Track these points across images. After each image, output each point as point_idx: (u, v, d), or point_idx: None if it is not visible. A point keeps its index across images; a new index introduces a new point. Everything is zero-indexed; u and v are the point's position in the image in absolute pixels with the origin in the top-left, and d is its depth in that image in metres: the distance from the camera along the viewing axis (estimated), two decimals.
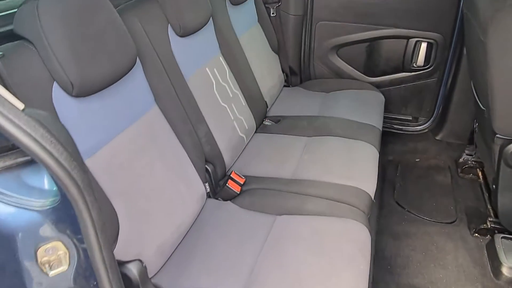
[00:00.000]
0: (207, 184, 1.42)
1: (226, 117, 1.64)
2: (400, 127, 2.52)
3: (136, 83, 1.19)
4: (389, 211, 2.00)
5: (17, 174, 0.72)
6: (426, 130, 2.48)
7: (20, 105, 0.60)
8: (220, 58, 1.70)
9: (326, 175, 1.51)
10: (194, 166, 1.37)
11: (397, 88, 2.41)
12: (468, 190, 2.13)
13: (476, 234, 1.84)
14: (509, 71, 1.37)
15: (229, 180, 1.49)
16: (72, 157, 0.64)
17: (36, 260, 0.74)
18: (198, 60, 1.54)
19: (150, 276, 1.11)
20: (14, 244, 0.71)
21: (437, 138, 2.41)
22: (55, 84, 0.93)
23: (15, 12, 0.91)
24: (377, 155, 1.71)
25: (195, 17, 1.47)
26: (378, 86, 2.38)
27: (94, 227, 0.69)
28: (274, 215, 1.34)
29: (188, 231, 1.29)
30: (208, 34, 1.63)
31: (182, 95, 1.38)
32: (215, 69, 1.63)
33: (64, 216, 0.72)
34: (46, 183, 0.72)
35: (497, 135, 1.53)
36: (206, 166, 1.47)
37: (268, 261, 1.16)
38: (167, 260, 1.18)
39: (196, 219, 1.34)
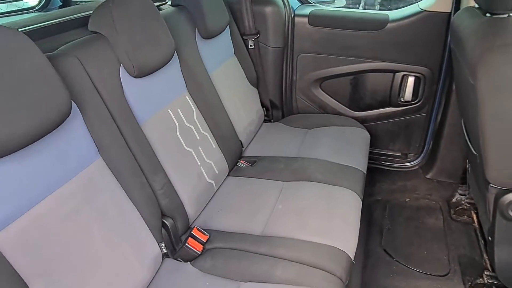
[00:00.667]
0: (163, 243, 1.24)
1: (191, 163, 1.48)
2: (389, 163, 2.37)
3: (73, 135, 1.03)
4: (376, 260, 1.82)
5: None
6: (416, 167, 2.34)
7: None
8: (187, 97, 1.56)
9: (300, 231, 1.34)
10: (147, 225, 1.19)
11: (384, 123, 2.27)
12: (462, 235, 1.96)
13: None
14: (502, 116, 1.23)
15: (190, 238, 1.31)
16: None
17: None
18: (158, 101, 1.39)
19: None
20: None
21: (428, 176, 2.26)
22: None
23: None
24: (360, 203, 1.54)
25: (153, 55, 1.32)
26: (364, 120, 2.24)
27: None
28: (238, 281, 1.16)
29: None
30: (171, 72, 1.48)
31: (134, 144, 1.22)
32: (179, 110, 1.48)
33: None
34: None
35: (491, 185, 1.37)
36: (164, 220, 1.30)
37: None
38: None
39: (149, 285, 1.16)
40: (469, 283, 1.67)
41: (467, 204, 2.09)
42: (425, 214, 2.11)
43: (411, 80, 2.09)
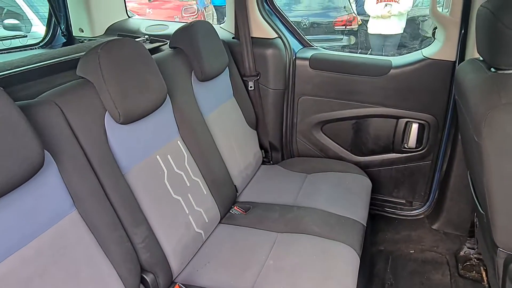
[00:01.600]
0: None
1: (179, 212, 1.40)
2: (393, 210, 2.27)
3: (45, 188, 0.97)
4: None
5: None
6: (422, 216, 2.22)
7: None
8: (178, 142, 1.50)
9: None
10: (123, 284, 1.11)
11: (388, 169, 2.18)
12: None
13: None
14: (509, 177, 1.15)
15: None
16: None
17: None
18: (146, 148, 1.34)
19: None
20: None
21: (434, 227, 2.14)
22: None
23: None
24: (358, 261, 1.44)
25: (142, 101, 1.28)
26: (366, 166, 2.16)
27: None
28: None
29: None
30: (162, 117, 1.44)
31: (115, 194, 1.15)
32: (169, 156, 1.42)
33: None
34: None
35: (500, 249, 1.26)
36: (144, 275, 1.21)
37: None
38: None
39: None
40: None
41: (475, 260, 1.96)
42: (431, 269, 1.98)
43: (415, 127, 2.02)
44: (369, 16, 5.41)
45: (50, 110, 1.03)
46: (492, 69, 1.22)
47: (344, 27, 6.42)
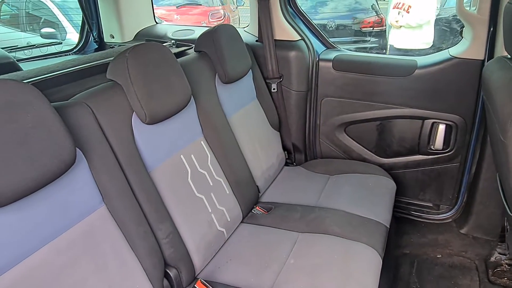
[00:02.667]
0: None
1: (202, 210, 1.44)
2: (419, 214, 2.22)
3: (77, 184, 1.03)
4: None
5: None
6: (449, 220, 2.16)
7: None
8: (202, 142, 1.55)
9: None
10: (148, 277, 1.15)
11: (413, 171, 2.14)
12: None
13: None
14: None
15: None
16: None
17: None
18: (171, 147, 1.39)
19: None
20: None
21: (462, 231, 2.08)
22: None
23: None
24: (380, 262, 1.43)
25: (168, 102, 1.34)
26: (391, 168, 2.13)
27: None
28: None
29: None
30: (187, 118, 1.49)
31: (141, 192, 1.20)
32: (192, 156, 1.47)
33: None
34: None
35: None
36: (167, 270, 1.25)
37: None
38: None
39: None
40: None
41: (507, 265, 1.88)
42: (458, 274, 1.92)
43: (441, 128, 1.98)
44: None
45: (82, 111, 1.10)
46: None
47: (371, 28, 6.33)
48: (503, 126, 1.12)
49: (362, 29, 6.34)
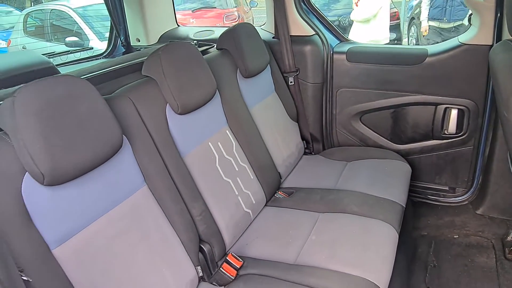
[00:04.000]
0: (199, 267, 1.34)
1: (229, 192, 1.58)
2: (436, 197, 2.29)
3: (123, 165, 1.18)
4: None
5: None
6: (466, 202, 2.23)
7: None
8: (227, 131, 1.69)
9: (331, 262, 1.37)
10: (185, 248, 1.30)
11: (428, 156, 2.22)
12: None
13: None
14: None
15: (224, 263, 1.39)
16: None
17: None
18: (200, 136, 1.53)
19: None
20: None
21: (478, 212, 2.15)
22: (26, 174, 0.94)
23: None
24: (396, 237, 1.53)
25: (196, 94, 1.48)
26: (407, 154, 2.22)
27: None
28: None
29: None
30: (213, 109, 1.63)
31: (176, 174, 1.35)
32: (219, 143, 1.61)
33: None
34: None
35: None
36: (201, 246, 1.39)
37: None
38: None
39: None
40: None
41: None
42: (475, 252, 1.99)
43: (454, 112, 2.05)
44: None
45: (125, 102, 1.25)
46: None
47: None
48: (506, 102, 1.22)
49: None
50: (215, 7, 8.84)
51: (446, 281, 1.82)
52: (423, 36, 5.02)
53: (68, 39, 5.80)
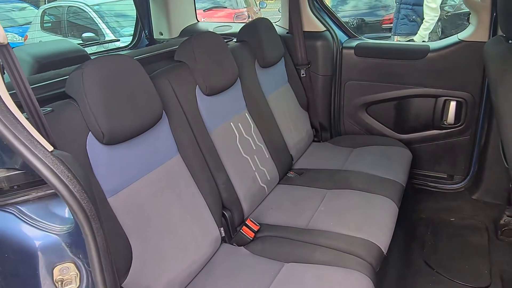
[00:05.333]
0: (222, 228, 1.52)
1: (247, 168, 1.77)
2: (435, 184, 2.47)
3: (162, 134, 1.38)
4: (416, 271, 1.93)
5: (45, 204, 0.89)
6: (463, 189, 2.40)
7: (49, 148, 0.79)
8: (246, 114, 1.88)
9: (338, 227, 1.55)
10: (210, 211, 1.49)
11: (429, 145, 2.40)
12: (507, 253, 1.99)
13: None
14: None
15: (244, 227, 1.58)
16: (84, 190, 0.79)
17: (52, 278, 0.88)
18: (223, 115, 1.72)
19: None
20: (36, 261, 0.86)
21: (473, 197, 2.32)
22: (90, 134, 1.14)
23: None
24: (396, 210, 1.71)
25: (221, 79, 1.68)
26: (409, 142, 2.39)
27: (98, 251, 0.83)
28: (282, 262, 1.40)
29: (199, 272, 1.38)
30: (235, 93, 1.82)
31: (204, 146, 1.54)
32: (239, 124, 1.80)
33: (77, 241, 0.87)
34: (66, 212, 0.88)
35: None
36: (224, 212, 1.58)
37: None
38: None
39: (209, 261, 1.44)
40: None
41: None
42: (470, 233, 2.17)
43: (453, 104, 2.23)
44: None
45: (164, 82, 1.45)
46: (510, 41, 1.46)
47: (391, 24, 6.53)
48: (494, 88, 1.40)
49: (383, 25, 6.56)
50: (226, 7, 9.07)
51: (442, 257, 2.00)
52: None
53: (85, 34, 6.03)
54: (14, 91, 0.82)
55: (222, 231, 1.53)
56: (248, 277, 1.35)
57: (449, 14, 6.74)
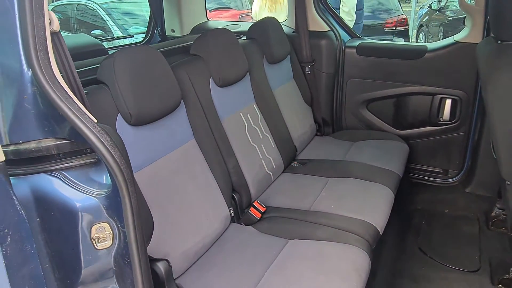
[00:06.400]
0: (232, 209, 1.66)
1: (255, 155, 1.90)
2: (431, 179, 2.60)
3: (179, 120, 1.52)
4: (411, 255, 2.06)
5: (86, 171, 1.03)
6: (457, 183, 2.53)
7: (95, 120, 0.92)
8: (254, 106, 2.02)
9: (339, 209, 1.69)
10: (221, 191, 1.62)
11: (425, 140, 2.53)
12: (496, 241, 2.12)
13: (500, 285, 1.83)
14: (508, 121, 1.51)
15: (252, 208, 1.72)
16: (122, 156, 0.93)
17: (90, 235, 1.02)
18: (234, 106, 1.86)
19: (175, 277, 1.34)
20: (77, 220, 1.00)
21: (467, 190, 2.45)
22: (119, 115, 1.28)
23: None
24: (392, 196, 1.85)
25: (232, 72, 1.81)
26: (407, 138, 2.53)
27: (132, 210, 0.96)
28: (287, 239, 1.53)
29: (211, 246, 1.52)
30: (244, 86, 1.96)
31: (216, 133, 1.68)
32: (248, 115, 1.94)
33: (113, 204, 1.00)
34: (104, 178, 1.02)
35: (507, 182, 1.61)
36: (233, 194, 1.72)
37: (274, 276, 1.34)
38: (190, 266, 1.41)
39: (219, 238, 1.57)
40: (497, 278, 1.85)
41: (503, 215, 2.25)
42: (462, 224, 2.30)
43: (448, 102, 2.37)
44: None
45: (182, 73, 1.59)
46: (499, 42, 1.60)
47: (394, 28, 6.68)
48: (484, 85, 1.53)
49: (385, 28, 6.70)
50: (231, 8, 9.22)
51: (435, 244, 2.13)
52: None
53: (94, 32, 6.18)
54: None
55: (232, 211, 1.66)
56: (255, 251, 1.48)
57: (451, 18, 6.90)
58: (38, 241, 0.98)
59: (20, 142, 0.94)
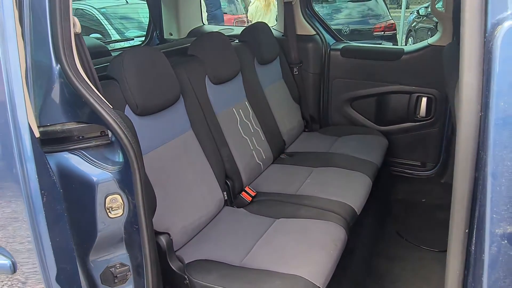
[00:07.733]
0: (225, 193, 1.85)
1: (246, 146, 2.10)
2: (410, 171, 2.81)
3: (179, 112, 1.71)
4: (388, 239, 2.26)
5: (101, 151, 1.22)
6: (433, 175, 2.75)
7: (111, 106, 1.12)
8: (246, 102, 2.22)
9: (321, 193, 1.89)
10: (216, 177, 1.82)
11: (404, 136, 2.75)
12: None
13: None
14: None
15: (243, 192, 1.91)
16: (134, 136, 1.12)
17: (104, 205, 1.21)
18: (227, 102, 2.06)
19: (175, 249, 1.53)
20: (94, 191, 1.19)
21: (442, 180, 2.67)
22: (127, 106, 1.47)
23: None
24: (370, 183, 2.05)
25: (226, 71, 2.02)
26: (388, 133, 2.73)
27: (141, 182, 1.15)
28: (274, 218, 1.73)
29: (207, 224, 1.71)
30: (236, 84, 2.16)
31: (212, 125, 1.88)
32: (240, 110, 2.14)
33: (124, 178, 1.19)
34: (116, 157, 1.21)
35: None
36: (226, 180, 1.91)
37: (262, 247, 1.54)
38: (189, 241, 1.60)
39: (214, 218, 1.76)
40: None
41: None
42: (437, 210, 2.50)
43: (424, 100, 2.58)
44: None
45: (181, 71, 1.79)
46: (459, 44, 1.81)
47: (382, 32, 6.94)
48: (447, 83, 1.74)
49: (374, 33, 6.95)
50: (226, 13, 9.47)
51: (411, 228, 2.34)
52: None
53: (92, 35, 6.34)
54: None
55: (225, 195, 1.86)
56: (246, 228, 1.68)
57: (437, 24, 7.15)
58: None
59: (48, 124, 1.13)
